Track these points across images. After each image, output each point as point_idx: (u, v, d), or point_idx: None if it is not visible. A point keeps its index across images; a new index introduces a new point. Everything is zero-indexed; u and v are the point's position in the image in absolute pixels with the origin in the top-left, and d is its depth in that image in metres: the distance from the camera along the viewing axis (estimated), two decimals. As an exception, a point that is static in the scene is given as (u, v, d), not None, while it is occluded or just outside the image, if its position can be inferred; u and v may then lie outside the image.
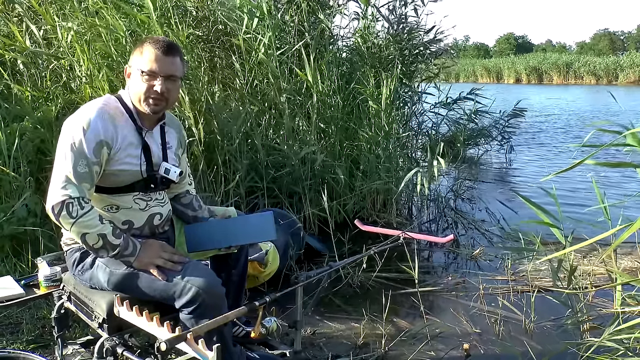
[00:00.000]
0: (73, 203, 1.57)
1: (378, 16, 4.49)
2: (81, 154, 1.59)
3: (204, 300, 1.56)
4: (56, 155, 1.64)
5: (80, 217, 1.56)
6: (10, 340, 2.33)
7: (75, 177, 1.58)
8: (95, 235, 1.58)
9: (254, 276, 2.67)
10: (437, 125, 5.83)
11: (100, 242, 1.59)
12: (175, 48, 1.74)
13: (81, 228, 1.57)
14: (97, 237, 1.58)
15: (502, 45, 73.88)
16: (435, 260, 3.69)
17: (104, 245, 1.60)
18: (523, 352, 2.30)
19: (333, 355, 2.31)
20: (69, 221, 1.57)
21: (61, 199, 1.57)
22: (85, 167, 1.60)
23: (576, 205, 4.76)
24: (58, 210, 1.57)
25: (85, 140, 1.60)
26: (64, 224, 1.59)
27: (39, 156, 3.35)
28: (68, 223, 1.57)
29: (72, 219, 1.56)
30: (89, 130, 1.61)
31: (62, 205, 1.57)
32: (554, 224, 2.21)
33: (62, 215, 1.57)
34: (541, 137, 10.01)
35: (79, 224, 1.57)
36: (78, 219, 1.56)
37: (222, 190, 3.70)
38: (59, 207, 1.57)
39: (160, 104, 1.72)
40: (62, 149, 1.62)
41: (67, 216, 1.57)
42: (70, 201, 1.56)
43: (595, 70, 34.53)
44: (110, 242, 1.60)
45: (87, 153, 1.60)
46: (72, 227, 1.57)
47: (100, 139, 1.62)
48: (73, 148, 1.60)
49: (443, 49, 5.36)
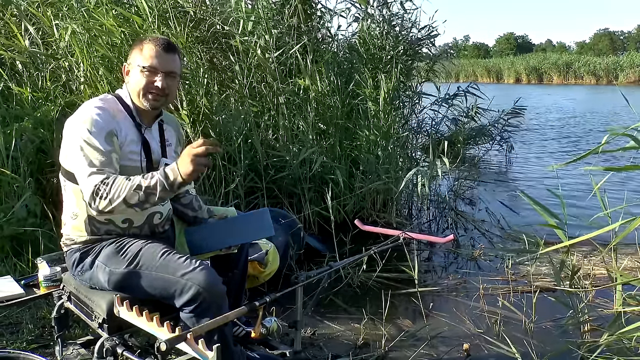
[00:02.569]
0: (99, 187, 1.53)
1: (374, 15, 4.49)
2: (95, 148, 1.59)
3: (205, 298, 1.56)
4: (71, 163, 1.64)
5: (110, 192, 1.52)
6: (10, 340, 2.33)
7: (96, 169, 1.57)
8: (132, 191, 1.52)
9: (254, 276, 2.66)
10: (437, 124, 5.82)
11: (142, 193, 1.52)
12: (174, 46, 1.77)
13: (118, 200, 1.52)
14: (135, 192, 1.52)
15: (502, 45, 73.88)
16: (435, 260, 3.69)
17: (146, 191, 1.53)
18: (523, 353, 2.30)
19: (333, 355, 2.31)
20: (106, 204, 1.53)
21: (89, 193, 1.55)
22: (102, 156, 1.59)
23: (578, 205, 4.76)
24: (95, 205, 1.54)
25: (94, 135, 1.60)
26: (107, 211, 1.55)
27: (38, 156, 3.34)
28: (108, 206, 1.53)
29: (106, 199, 1.53)
30: (94, 126, 1.62)
31: (92, 197, 1.54)
32: (558, 226, 2.21)
33: (98, 205, 1.54)
34: (543, 137, 10.00)
35: (113, 199, 1.52)
36: (110, 196, 1.52)
37: (222, 192, 3.70)
38: (92, 201, 1.55)
39: (160, 100, 1.73)
40: (74, 153, 1.61)
41: (102, 201, 1.53)
42: (96, 189, 1.54)
43: (595, 70, 34.50)
44: (149, 184, 1.53)
45: (99, 146, 1.60)
46: (113, 206, 1.53)
47: (107, 130, 1.63)
48: (84, 147, 1.59)
49: (443, 49, 5.35)
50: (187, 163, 1.50)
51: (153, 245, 1.70)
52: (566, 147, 8.80)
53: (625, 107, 16.11)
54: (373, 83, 4.16)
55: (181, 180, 1.53)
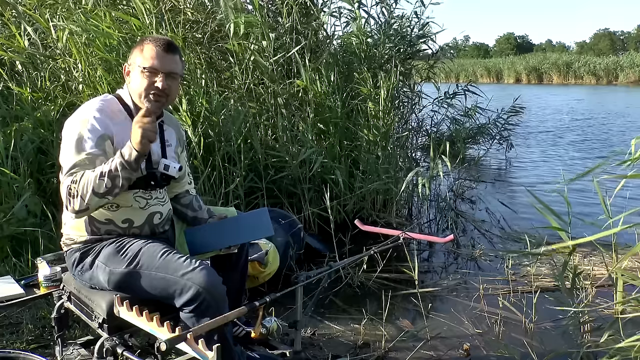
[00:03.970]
0: (70, 187, 1.55)
1: (368, 14, 4.49)
2: (82, 151, 1.60)
3: (205, 298, 1.56)
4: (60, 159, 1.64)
5: (79, 188, 1.54)
6: (10, 340, 2.33)
7: (73, 172, 1.58)
8: (97, 181, 1.53)
9: (254, 276, 2.67)
10: (437, 124, 5.82)
11: (106, 179, 1.54)
12: (175, 46, 1.77)
13: (88, 193, 1.53)
14: (100, 180, 1.53)
15: (502, 45, 73.84)
16: (435, 261, 3.69)
17: (110, 175, 1.54)
18: (523, 353, 2.30)
19: (333, 355, 2.31)
20: (79, 202, 1.54)
21: (65, 196, 1.56)
22: (86, 160, 1.59)
23: (578, 206, 4.76)
24: (72, 206, 1.56)
25: (85, 139, 1.61)
26: (83, 209, 1.56)
27: (38, 157, 3.35)
28: (82, 204, 1.55)
29: (78, 197, 1.54)
30: (88, 129, 1.62)
31: (67, 200, 1.56)
32: (561, 227, 2.20)
33: (74, 205, 1.55)
34: (546, 137, 9.98)
35: (84, 194, 1.54)
36: (80, 192, 1.53)
37: (222, 192, 3.70)
38: (68, 203, 1.56)
39: (161, 100, 1.73)
40: (63, 153, 1.63)
41: (75, 200, 1.55)
42: (68, 190, 1.55)
43: (595, 70, 34.47)
44: (110, 169, 1.54)
45: (88, 149, 1.60)
46: (86, 202, 1.54)
47: (101, 133, 1.64)
48: (72, 149, 1.60)
49: (443, 50, 5.34)
50: (135, 133, 1.54)
51: (153, 245, 1.70)
52: (567, 148, 8.78)
53: (627, 107, 16.12)
54: (373, 82, 4.15)
55: (136, 153, 1.55)
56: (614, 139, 9.68)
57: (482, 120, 7.10)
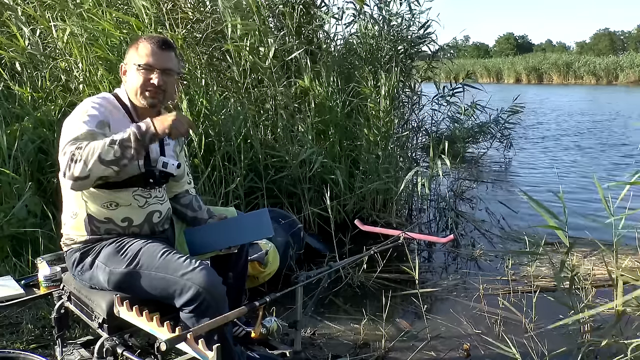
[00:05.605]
0: (74, 152, 1.49)
1: (372, 15, 4.48)
2: (82, 129, 1.58)
3: (205, 298, 1.56)
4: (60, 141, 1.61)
5: (84, 153, 1.48)
6: (10, 340, 2.33)
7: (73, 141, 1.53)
8: (106, 147, 1.49)
9: (254, 276, 2.67)
10: (437, 123, 5.81)
11: (117, 147, 1.49)
12: (171, 44, 1.78)
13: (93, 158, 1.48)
14: (109, 147, 1.49)
15: (502, 45, 73.84)
16: (435, 261, 3.69)
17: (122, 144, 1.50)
18: (523, 353, 2.30)
19: (333, 355, 2.31)
20: (82, 167, 1.48)
21: (65, 161, 1.50)
22: (87, 134, 1.56)
23: (578, 206, 4.76)
24: (71, 172, 1.49)
25: (87, 120, 1.60)
26: (83, 176, 1.49)
27: (39, 156, 3.35)
28: (84, 169, 1.48)
29: (80, 161, 1.48)
30: (88, 115, 1.62)
31: (67, 165, 1.49)
32: (559, 227, 2.20)
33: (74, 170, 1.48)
34: (547, 138, 9.98)
35: (88, 159, 1.48)
36: (84, 157, 1.48)
37: (222, 192, 3.70)
38: (67, 169, 1.49)
39: (158, 97, 1.74)
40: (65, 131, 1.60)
41: (77, 165, 1.48)
42: (71, 155, 1.49)
43: (595, 70, 34.46)
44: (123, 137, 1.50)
45: (88, 127, 1.58)
46: (88, 167, 1.48)
47: (101, 119, 1.63)
48: (71, 128, 1.59)
49: (443, 50, 5.33)
50: (167, 119, 1.55)
51: (153, 245, 1.70)
52: (566, 147, 8.77)
53: (629, 105, 16.09)
54: (373, 82, 4.15)
55: (153, 131, 1.54)
56: (614, 139, 9.67)
57: (482, 118, 7.09)
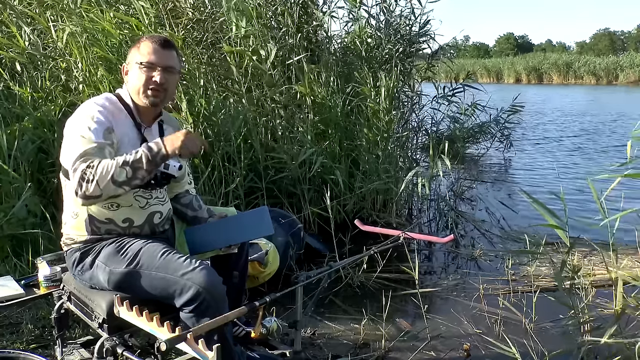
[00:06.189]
0: (85, 171, 1.52)
1: (370, 14, 4.49)
2: (89, 141, 1.58)
3: (205, 298, 1.56)
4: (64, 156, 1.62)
5: (97, 173, 1.51)
6: (10, 340, 2.33)
7: (84, 158, 1.55)
8: (118, 169, 1.52)
9: (254, 276, 2.67)
10: (437, 123, 5.81)
11: (129, 168, 1.53)
12: (171, 43, 1.79)
13: (106, 179, 1.51)
14: (122, 168, 1.52)
15: (502, 45, 73.81)
16: (435, 261, 3.69)
17: (134, 165, 1.54)
18: (523, 353, 2.30)
19: (333, 355, 2.31)
20: (94, 187, 1.51)
21: (77, 180, 1.52)
22: (94, 148, 1.57)
23: (578, 206, 4.76)
24: (83, 191, 1.52)
25: (91, 131, 1.60)
26: (96, 195, 1.52)
27: (39, 156, 3.35)
28: (96, 189, 1.51)
29: (93, 182, 1.50)
30: (94, 121, 1.62)
31: (78, 184, 1.52)
32: (559, 226, 2.20)
33: (86, 190, 1.51)
34: (547, 137, 9.97)
35: (101, 179, 1.50)
36: (97, 177, 1.50)
37: (222, 192, 3.70)
38: (79, 188, 1.52)
39: (160, 95, 1.74)
40: (68, 146, 1.61)
41: (89, 185, 1.51)
42: (82, 174, 1.52)
43: (595, 70, 34.46)
44: (135, 158, 1.54)
45: (94, 139, 1.59)
46: (101, 187, 1.51)
47: (107, 126, 1.64)
48: (78, 140, 1.59)
49: (443, 50, 5.32)
50: (177, 138, 1.57)
51: (153, 244, 1.70)
52: (566, 147, 8.77)
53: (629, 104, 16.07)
54: (373, 82, 4.15)
55: (165, 153, 1.57)
56: (614, 139, 9.67)
57: (482, 118, 7.09)
